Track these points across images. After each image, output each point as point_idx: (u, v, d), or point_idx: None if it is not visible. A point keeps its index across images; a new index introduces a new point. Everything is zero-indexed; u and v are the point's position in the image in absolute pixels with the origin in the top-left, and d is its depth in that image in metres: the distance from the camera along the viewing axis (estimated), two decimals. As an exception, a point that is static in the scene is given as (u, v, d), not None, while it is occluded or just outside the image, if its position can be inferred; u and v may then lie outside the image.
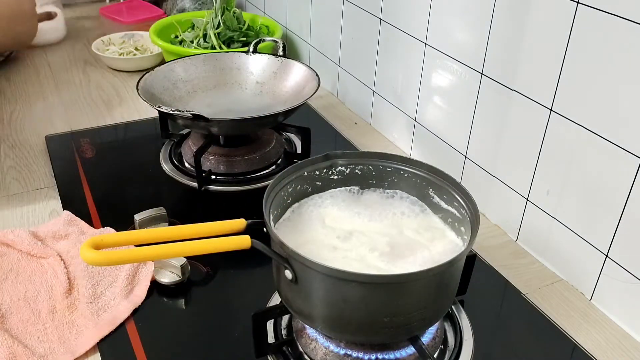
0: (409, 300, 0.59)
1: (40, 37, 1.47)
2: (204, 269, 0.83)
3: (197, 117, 0.89)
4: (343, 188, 0.76)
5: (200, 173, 0.96)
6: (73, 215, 0.89)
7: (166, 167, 1.03)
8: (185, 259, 0.79)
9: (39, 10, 1.44)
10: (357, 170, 0.75)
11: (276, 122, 1.00)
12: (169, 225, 0.84)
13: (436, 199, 0.72)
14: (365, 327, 0.61)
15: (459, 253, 0.60)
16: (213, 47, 1.34)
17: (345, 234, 0.69)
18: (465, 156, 0.97)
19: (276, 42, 1.19)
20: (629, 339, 0.75)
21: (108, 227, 0.87)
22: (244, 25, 1.40)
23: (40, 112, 1.26)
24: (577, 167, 0.78)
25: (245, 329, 0.69)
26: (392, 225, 0.71)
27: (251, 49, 1.13)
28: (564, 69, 0.76)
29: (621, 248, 0.74)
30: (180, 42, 1.40)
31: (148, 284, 0.79)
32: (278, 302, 0.70)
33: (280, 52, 1.13)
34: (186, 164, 1.04)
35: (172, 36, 1.44)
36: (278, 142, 1.07)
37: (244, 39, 1.37)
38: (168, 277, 0.80)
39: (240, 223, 0.65)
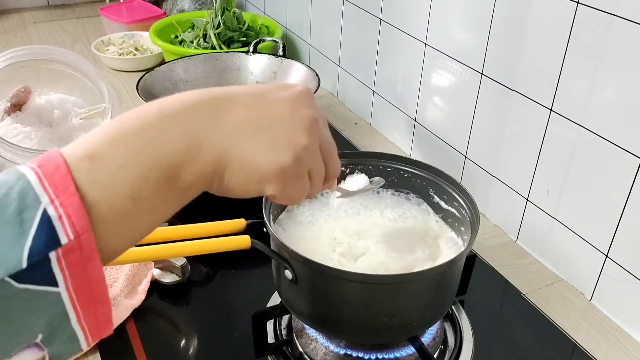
0: (409, 300, 0.59)
1: None
2: (204, 269, 0.83)
3: (197, 117, 0.88)
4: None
5: (200, 173, 0.96)
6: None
7: (166, 167, 1.03)
8: (185, 259, 0.79)
9: None
10: (357, 170, 0.75)
11: (276, 122, 1.00)
12: (169, 225, 0.84)
13: (436, 199, 0.72)
14: (365, 327, 0.61)
15: (459, 253, 0.60)
16: (213, 47, 1.34)
17: (347, 230, 0.69)
18: (465, 156, 0.97)
19: (276, 42, 1.19)
20: (629, 339, 0.75)
21: (108, 227, 0.87)
22: (244, 25, 1.40)
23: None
24: (577, 167, 0.78)
25: (245, 329, 0.69)
26: (392, 224, 0.71)
27: (251, 49, 1.13)
28: (564, 69, 0.76)
29: (621, 248, 0.74)
30: (180, 42, 1.40)
31: (148, 284, 0.79)
32: (278, 302, 0.70)
33: (280, 52, 1.13)
34: (186, 164, 1.03)
35: (172, 36, 1.44)
36: (278, 142, 1.06)
37: (244, 39, 1.37)
38: (168, 277, 0.80)
39: (240, 223, 0.65)
